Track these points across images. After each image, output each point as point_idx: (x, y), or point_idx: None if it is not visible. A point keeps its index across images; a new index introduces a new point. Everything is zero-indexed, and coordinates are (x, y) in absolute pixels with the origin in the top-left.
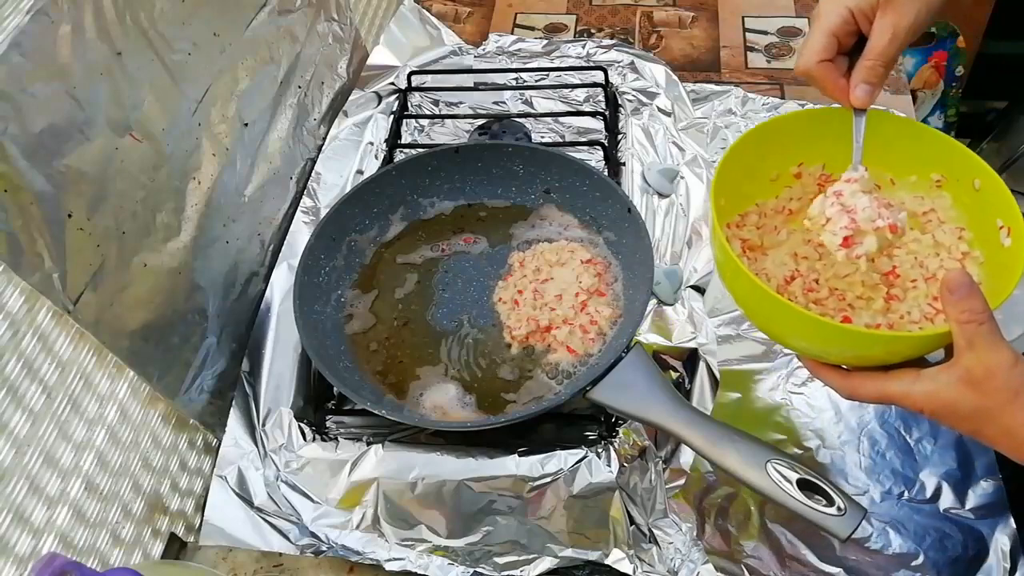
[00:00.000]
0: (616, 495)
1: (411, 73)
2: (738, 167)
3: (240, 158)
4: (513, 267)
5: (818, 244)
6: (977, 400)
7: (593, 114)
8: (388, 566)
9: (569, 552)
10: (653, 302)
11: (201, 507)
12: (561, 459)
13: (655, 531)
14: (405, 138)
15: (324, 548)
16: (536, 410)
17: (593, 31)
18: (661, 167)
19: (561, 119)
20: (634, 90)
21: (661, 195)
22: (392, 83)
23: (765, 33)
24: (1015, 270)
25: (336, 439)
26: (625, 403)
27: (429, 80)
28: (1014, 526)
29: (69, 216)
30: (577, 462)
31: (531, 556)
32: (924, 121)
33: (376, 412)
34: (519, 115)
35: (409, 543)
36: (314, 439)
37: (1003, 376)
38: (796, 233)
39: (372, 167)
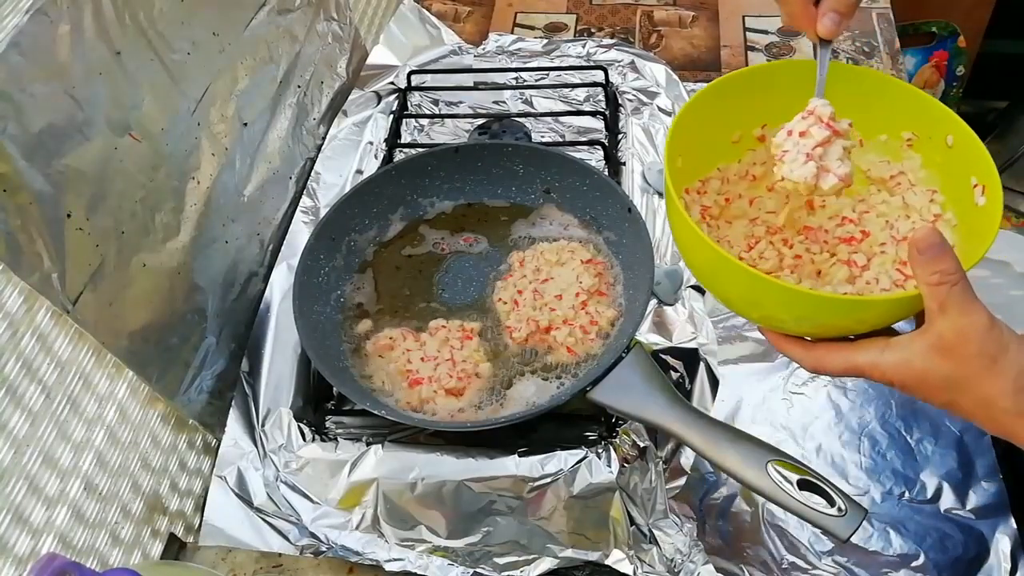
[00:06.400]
0: (616, 495)
1: (411, 72)
2: (696, 126)
3: (239, 158)
4: (513, 267)
5: (779, 212)
6: (951, 368)
7: (593, 113)
8: (388, 567)
9: (569, 553)
10: (653, 302)
11: (200, 507)
12: (561, 459)
13: (655, 532)
14: (405, 138)
15: (324, 548)
16: (536, 410)
17: (593, 30)
18: (661, 166)
19: (561, 119)
20: (634, 89)
21: (661, 195)
22: (392, 83)
23: (766, 32)
24: (990, 229)
25: (336, 439)
26: (625, 403)
27: (429, 80)
28: (1015, 526)
29: (68, 216)
30: (577, 462)
31: (531, 556)
32: None
33: (376, 412)
34: (519, 115)
35: (409, 543)
36: (313, 439)
37: (978, 341)
38: (761, 199)
39: (372, 167)
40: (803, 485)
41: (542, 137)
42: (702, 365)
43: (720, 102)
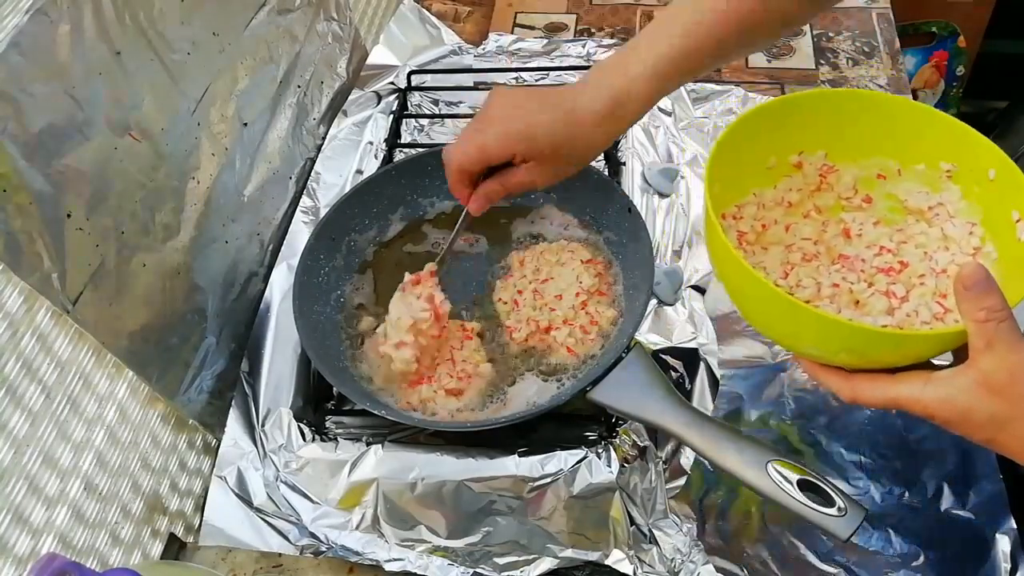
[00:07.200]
0: (616, 495)
1: (411, 72)
2: (734, 152)
3: (239, 158)
4: (513, 267)
5: (816, 240)
6: (997, 407)
7: None
8: (388, 567)
9: (569, 553)
10: (653, 302)
11: (200, 507)
12: (561, 459)
13: (655, 531)
14: (405, 138)
15: (324, 548)
16: (536, 410)
17: (593, 30)
18: (661, 167)
19: None
20: None
21: (661, 195)
22: (392, 83)
23: None
24: None
25: (336, 439)
26: (625, 404)
27: (429, 79)
28: (1015, 526)
29: (68, 216)
30: (577, 462)
31: (531, 557)
32: None
33: (376, 412)
34: None
35: (409, 543)
36: (313, 439)
37: None
38: (798, 225)
39: (372, 167)
40: (803, 485)
41: None
42: (702, 365)
43: (757, 128)
